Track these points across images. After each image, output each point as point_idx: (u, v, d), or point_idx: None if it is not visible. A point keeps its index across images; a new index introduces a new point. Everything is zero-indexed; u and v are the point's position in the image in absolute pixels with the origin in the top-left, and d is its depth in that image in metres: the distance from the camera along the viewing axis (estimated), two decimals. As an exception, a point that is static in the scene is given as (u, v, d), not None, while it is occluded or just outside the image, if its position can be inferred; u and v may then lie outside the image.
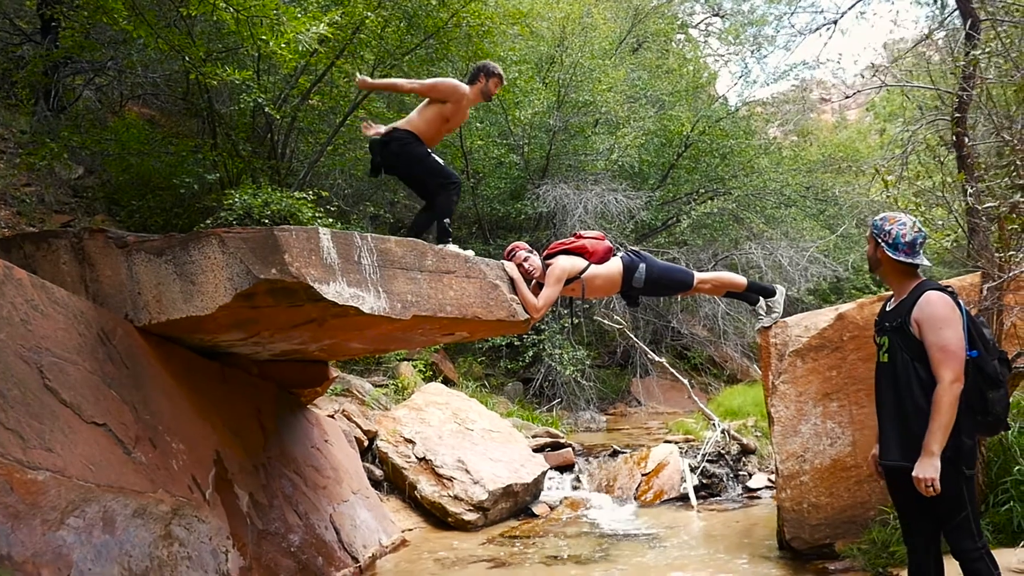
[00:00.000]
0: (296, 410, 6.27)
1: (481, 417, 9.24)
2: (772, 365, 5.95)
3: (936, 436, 3.21)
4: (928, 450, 3.23)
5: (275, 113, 9.52)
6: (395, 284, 4.71)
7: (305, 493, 5.69)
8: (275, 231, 4.23)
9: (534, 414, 12.57)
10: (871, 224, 3.66)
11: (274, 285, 4.20)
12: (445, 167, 5.93)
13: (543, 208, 14.46)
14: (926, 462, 3.23)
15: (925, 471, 3.22)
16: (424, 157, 5.82)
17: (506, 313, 5.26)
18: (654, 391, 16.61)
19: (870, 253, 3.67)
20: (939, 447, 3.21)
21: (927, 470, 3.22)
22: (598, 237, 5.68)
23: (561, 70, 14.53)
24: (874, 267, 3.71)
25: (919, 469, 3.24)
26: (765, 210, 16.35)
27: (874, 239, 3.62)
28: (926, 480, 3.21)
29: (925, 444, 3.24)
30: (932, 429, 3.23)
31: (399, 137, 5.81)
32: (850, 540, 5.58)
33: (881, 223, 3.60)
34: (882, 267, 3.62)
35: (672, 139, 16.37)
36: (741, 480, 9.00)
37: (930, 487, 3.21)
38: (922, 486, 3.23)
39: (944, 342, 3.26)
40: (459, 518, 7.34)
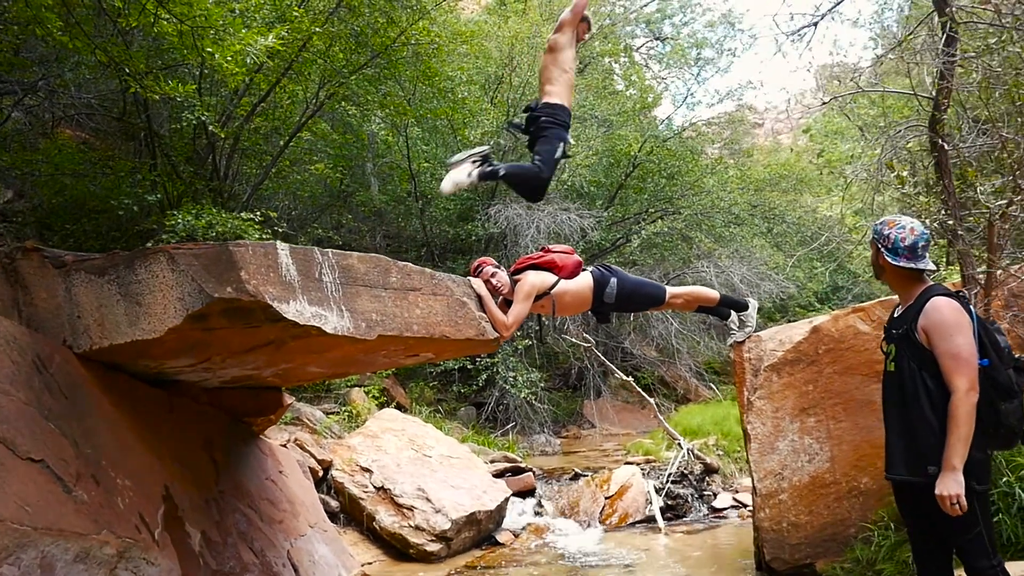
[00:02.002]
0: (248, 440, 5.91)
1: (439, 443, 8.94)
2: (747, 380, 5.80)
3: (957, 449, 3.04)
4: (950, 465, 3.06)
5: (219, 132, 9.14)
6: (359, 302, 4.43)
7: (260, 528, 5.33)
8: (230, 246, 3.92)
9: (490, 439, 12.28)
10: (872, 229, 3.51)
11: (230, 305, 3.88)
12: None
13: (494, 229, 14.26)
14: (949, 478, 3.06)
15: (949, 488, 3.04)
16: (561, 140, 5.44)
17: (475, 331, 5.01)
18: (607, 413, 16.46)
19: (873, 260, 3.52)
20: (961, 461, 3.04)
21: (951, 487, 3.04)
22: (567, 251, 5.47)
23: (510, 90, 14.41)
24: (878, 274, 3.56)
25: (942, 486, 3.06)
26: (714, 229, 16.39)
27: (875, 245, 3.47)
28: (951, 497, 3.03)
29: (946, 459, 3.07)
30: (951, 442, 3.06)
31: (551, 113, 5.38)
32: (831, 559, 5.43)
33: (880, 227, 3.45)
34: (886, 274, 3.47)
35: (620, 159, 16.34)
36: (706, 500, 8.86)
37: (955, 504, 3.03)
38: (947, 504, 3.05)
39: (956, 349, 3.10)
40: (421, 549, 7.02)
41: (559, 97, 5.47)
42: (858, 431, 5.50)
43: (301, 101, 12.01)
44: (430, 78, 12.33)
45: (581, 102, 16.20)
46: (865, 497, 5.44)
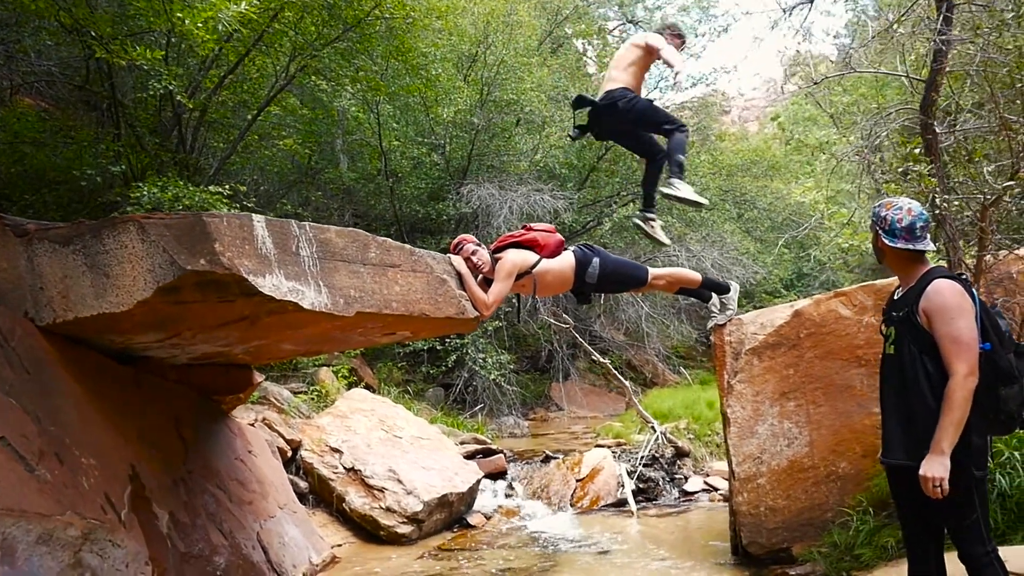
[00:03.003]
0: (217, 419, 5.74)
1: (409, 424, 8.81)
2: (727, 364, 5.75)
3: (947, 433, 2.99)
4: (938, 448, 3.01)
5: (187, 102, 8.87)
6: (337, 278, 4.29)
7: (230, 509, 5.18)
8: (204, 217, 3.75)
9: (458, 420, 12.18)
10: (871, 213, 3.44)
11: (203, 278, 3.72)
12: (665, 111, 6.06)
13: (466, 209, 14.10)
14: (935, 460, 3.01)
15: (934, 470, 3.00)
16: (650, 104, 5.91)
17: (455, 310, 4.89)
18: (575, 395, 16.45)
19: (873, 243, 3.45)
20: (950, 445, 3.00)
21: (936, 469, 2.99)
22: (549, 230, 5.36)
23: (484, 68, 14.21)
24: (879, 258, 3.49)
25: (927, 468, 3.01)
26: (685, 213, 16.36)
27: (874, 228, 3.40)
28: (934, 480, 2.99)
29: (935, 441, 3.02)
30: (943, 425, 3.00)
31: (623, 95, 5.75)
32: (808, 543, 5.42)
33: (878, 210, 3.38)
34: (886, 257, 3.40)
35: (592, 141, 16.21)
36: (677, 484, 8.85)
37: (937, 487, 2.99)
38: (929, 486, 3.00)
39: (956, 333, 3.04)
40: (392, 531, 6.91)
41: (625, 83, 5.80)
42: (837, 416, 5.48)
43: (270, 75, 11.73)
44: (403, 54, 12.09)
45: (555, 83, 16.06)
46: (843, 482, 5.43)
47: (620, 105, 5.72)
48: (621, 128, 6.02)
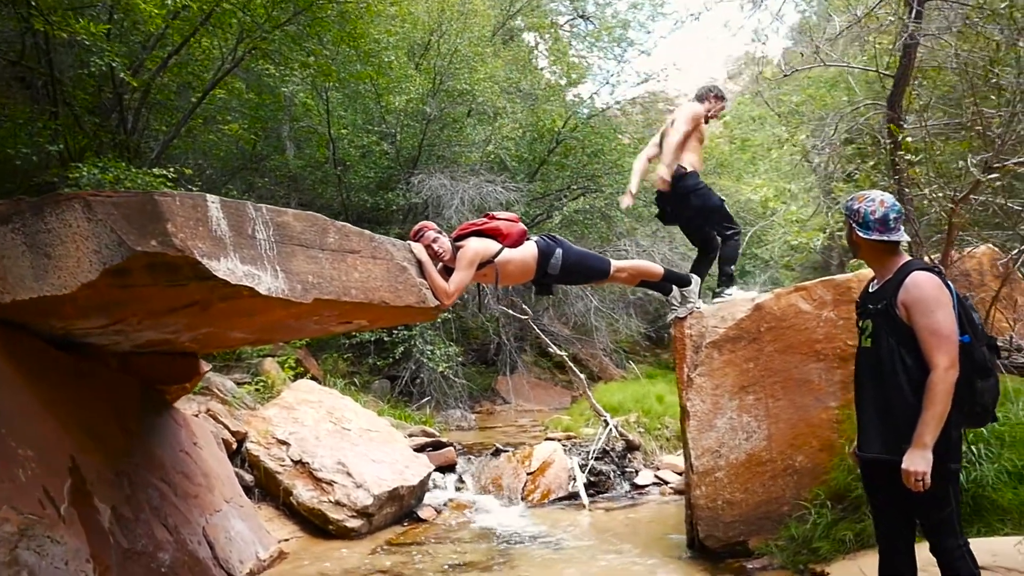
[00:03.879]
0: (162, 410, 5.51)
1: (357, 416, 8.63)
2: (687, 357, 5.72)
3: (930, 427, 2.98)
4: (921, 442, 2.99)
5: (130, 80, 8.53)
6: (294, 263, 4.11)
7: (175, 504, 4.97)
8: (155, 196, 3.55)
9: (406, 413, 12.02)
10: (844, 207, 3.42)
11: (154, 260, 3.52)
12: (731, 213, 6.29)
13: (416, 199, 13.92)
14: (918, 455, 2.99)
15: (916, 464, 2.98)
16: (721, 206, 6.17)
17: (415, 299, 4.75)
18: (522, 389, 16.40)
19: (847, 237, 3.44)
20: (933, 439, 2.98)
21: (919, 463, 2.98)
22: (512, 219, 5.25)
23: (438, 56, 14.02)
24: (854, 251, 3.48)
25: (910, 462, 2.99)
26: (635, 208, 16.40)
27: (848, 222, 3.38)
28: (916, 474, 2.97)
29: (917, 435, 3.00)
30: (926, 419, 2.99)
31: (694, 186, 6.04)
32: (764, 537, 5.43)
33: (851, 203, 3.37)
34: (861, 250, 3.38)
35: (543, 134, 16.17)
36: (628, 477, 8.83)
37: (919, 481, 2.97)
38: (912, 480, 2.98)
39: (936, 325, 3.03)
40: (341, 525, 6.73)
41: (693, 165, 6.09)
42: (795, 410, 5.50)
43: (217, 57, 11.39)
44: (355, 40, 11.85)
45: (508, 75, 15.96)
46: (799, 475, 5.45)
47: (692, 199, 6.02)
48: (686, 214, 6.20)
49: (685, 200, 6.05)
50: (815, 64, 5.66)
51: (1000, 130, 3.93)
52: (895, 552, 3.30)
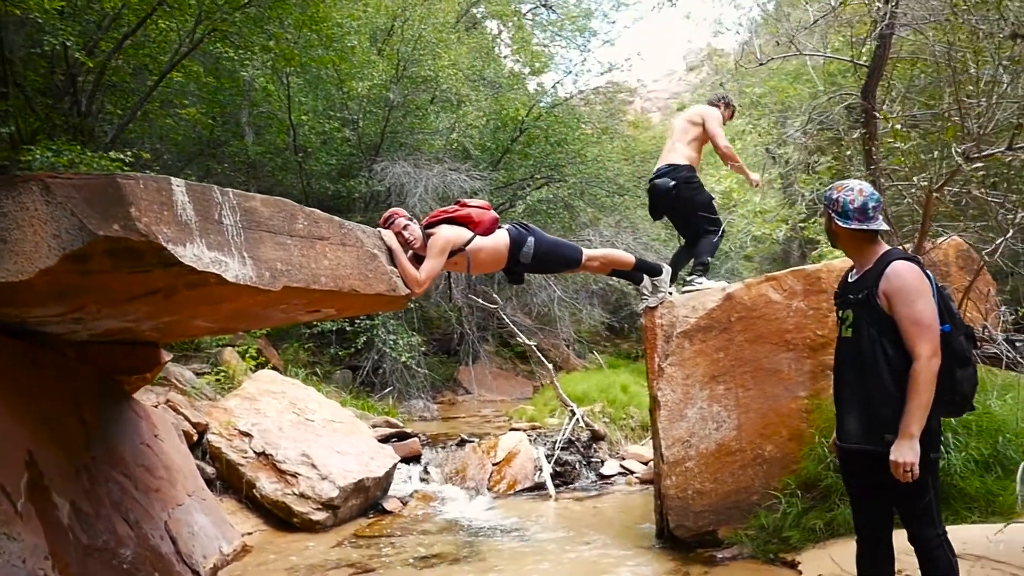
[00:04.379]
0: (122, 401, 5.34)
1: (321, 407, 8.50)
2: (658, 347, 5.70)
3: (915, 417, 2.97)
4: (907, 432, 2.98)
5: (86, 60, 8.26)
6: (262, 249, 3.99)
7: (136, 498, 4.82)
8: (118, 178, 3.40)
9: (369, 403, 11.88)
10: (822, 197, 3.40)
11: (116, 245, 3.37)
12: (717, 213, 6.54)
13: (378, 187, 13.74)
14: (906, 445, 2.98)
15: (905, 455, 2.97)
16: (709, 203, 6.39)
17: (386, 287, 4.64)
18: (484, 379, 16.35)
19: (826, 227, 3.42)
20: (919, 428, 2.98)
21: (907, 454, 2.97)
22: (484, 206, 5.16)
23: (401, 42, 13.83)
24: (833, 242, 3.47)
25: (898, 453, 2.98)
26: (598, 198, 16.41)
27: (827, 212, 3.36)
28: (905, 465, 2.96)
29: (904, 426, 2.99)
30: (911, 409, 2.98)
31: (687, 179, 6.27)
32: (734, 526, 5.44)
33: (829, 193, 3.35)
34: (840, 239, 3.36)
35: (507, 123, 16.07)
36: (594, 467, 8.83)
37: (908, 472, 2.97)
38: (900, 471, 2.97)
39: (917, 315, 3.02)
40: (306, 518, 6.62)
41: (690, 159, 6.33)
42: (765, 399, 5.51)
43: (174, 40, 11.10)
44: (318, 24, 11.63)
45: (472, 62, 15.82)
46: (769, 465, 5.46)
47: (682, 191, 6.22)
48: (674, 206, 6.39)
49: (682, 201, 6.26)
50: (791, 54, 5.63)
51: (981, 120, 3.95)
52: (873, 541, 3.30)
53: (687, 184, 6.24)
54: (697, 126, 6.34)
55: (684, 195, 6.21)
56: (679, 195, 6.22)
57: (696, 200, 6.28)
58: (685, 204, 6.27)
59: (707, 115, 6.37)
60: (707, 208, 6.34)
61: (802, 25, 5.58)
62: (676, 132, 6.46)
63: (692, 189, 6.28)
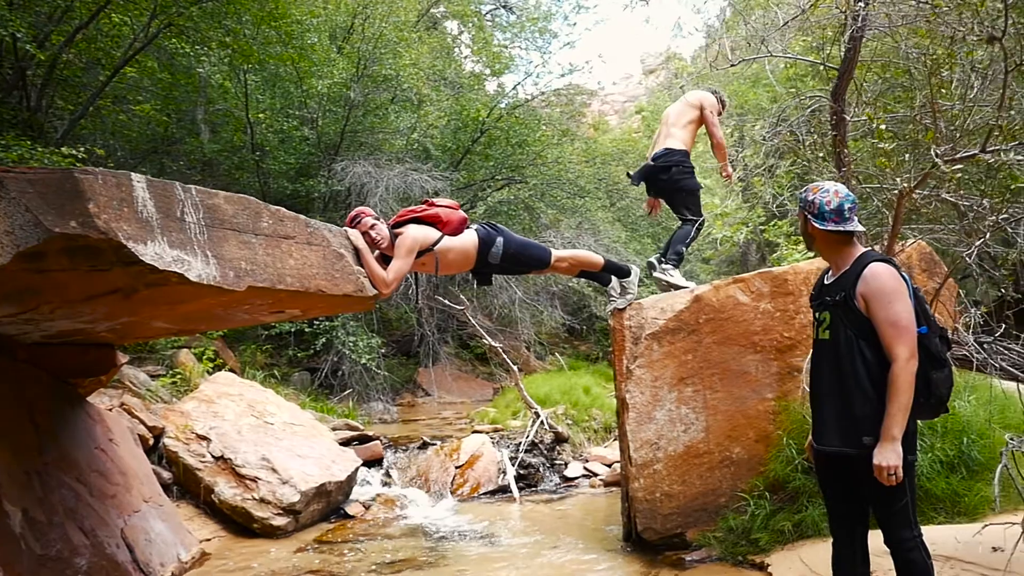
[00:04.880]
0: (75, 404, 5.16)
1: (280, 409, 8.34)
2: (626, 348, 5.66)
3: (897, 419, 2.96)
4: (889, 435, 2.97)
5: (37, 53, 8.01)
6: (226, 248, 3.87)
7: (91, 505, 4.66)
8: (75, 173, 3.26)
9: (328, 406, 11.71)
10: (798, 199, 3.37)
11: (73, 243, 3.24)
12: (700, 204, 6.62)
13: (338, 187, 13.56)
14: (888, 448, 2.97)
15: (888, 458, 2.95)
16: (696, 191, 6.47)
17: (353, 287, 4.54)
18: (443, 381, 16.24)
19: (801, 230, 3.38)
20: (901, 430, 2.97)
21: (890, 457, 2.95)
22: (452, 206, 5.08)
23: (362, 40, 13.67)
24: (809, 244, 3.43)
25: (881, 456, 2.97)
26: (559, 200, 16.40)
27: (802, 213, 3.33)
28: (889, 468, 2.95)
29: (885, 429, 2.98)
30: (892, 412, 2.96)
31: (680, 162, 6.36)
32: (702, 528, 5.42)
33: (805, 195, 3.33)
34: (816, 241, 3.33)
35: (467, 124, 15.99)
36: (557, 469, 8.78)
37: (892, 475, 2.96)
38: (884, 474, 2.96)
39: (895, 317, 3.01)
40: (267, 524, 6.47)
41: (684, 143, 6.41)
42: (732, 401, 5.51)
43: (127, 36, 10.84)
44: (276, 20, 11.46)
45: (432, 62, 15.71)
46: (736, 467, 5.46)
47: (674, 172, 6.33)
48: (664, 187, 6.51)
49: (671, 181, 6.38)
50: (761, 55, 5.65)
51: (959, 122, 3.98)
52: (849, 544, 3.29)
53: (679, 167, 6.35)
54: (695, 109, 6.47)
55: (675, 177, 6.33)
56: (670, 177, 6.35)
57: (684, 185, 6.39)
58: (673, 186, 6.39)
59: (706, 101, 6.51)
60: (693, 196, 6.44)
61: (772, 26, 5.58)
62: (672, 116, 6.57)
63: (683, 172, 6.39)
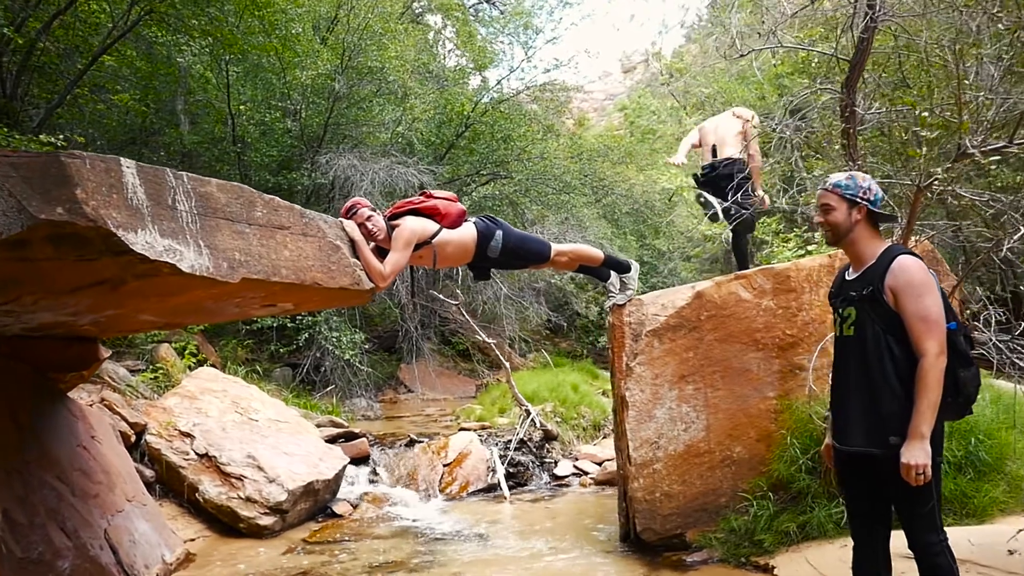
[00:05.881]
0: (57, 400, 4.97)
1: (265, 406, 8.15)
2: (626, 345, 5.54)
3: (926, 417, 2.85)
4: (918, 433, 2.86)
5: (15, 37, 7.76)
6: (219, 238, 3.70)
7: (73, 505, 4.47)
8: (62, 157, 3.08)
9: (311, 402, 11.52)
10: (833, 186, 3.18)
11: (60, 230, 3.05)
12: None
13: (322, 180, 13.35)
14: (917, 447, 2.86)
15: (917, 457, 2.85)
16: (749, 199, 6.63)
17: (350, 280, 4.38)
18: (426, 377, 16.07)
19: (839, 219, 3.15)
20: (930, 428, 2.86)
21: (919, 456, 2.85)
22: (450, 198, 4.93)
23: (347, 32, 13.44)
24: (843, 234, 3.18)
25: (910, 455, 2.86)
26: (544, 196, 16.26)
27: (848, 200, 3.15)
28: (918, 467, 2.84)
29: (914, 427, 2.87)
30: (921, 409, 2.85)
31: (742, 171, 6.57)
32: (702, 529, 5.33)
33: (853, 181, 3.14)
34: (853, 232, 3.16)
35: (452, 118, 15.81)
36: (547, 468, 8.66)
37: (921, 475, 2.85)
38: (912, 474, 2.85)
39: (925, 311, 2.90)
40: (253, 523, 6.30)
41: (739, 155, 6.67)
42: (734, 399, 5.41)
43: (106, 24, 10.58)
44: (260, 8, 11.22)
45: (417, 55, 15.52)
46: (737, 466, 5.37)
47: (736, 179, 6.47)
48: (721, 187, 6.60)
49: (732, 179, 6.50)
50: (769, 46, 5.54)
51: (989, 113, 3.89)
52: (869, 546, 3.18)
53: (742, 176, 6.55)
54: (743, 122, 6.72)
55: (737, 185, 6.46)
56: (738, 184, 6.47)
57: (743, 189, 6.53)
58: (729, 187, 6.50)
59: (753, 118, 6.76)
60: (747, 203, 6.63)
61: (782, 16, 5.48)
62: (723, 127, 6.82)
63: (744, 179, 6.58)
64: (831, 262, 5.51)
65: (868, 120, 4.78)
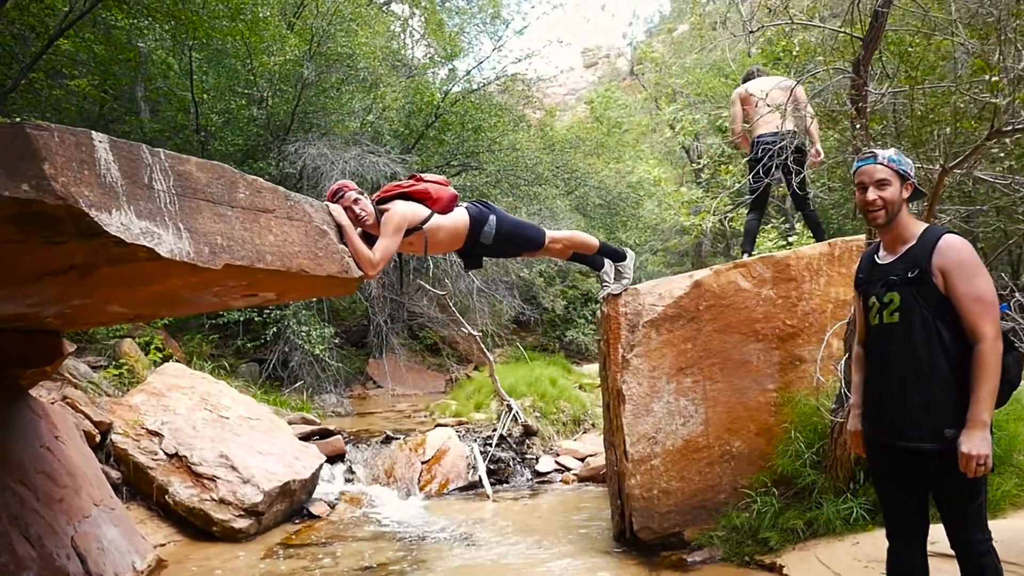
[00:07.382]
0: (17, 398, 4.63)
1: (235, 403, 7.82)
2: (622, 337, 5.33)
3: (986, 404, 2.65)
4: (979, 421, 2.65)
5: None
6: (200, 220, 3.41)
7: (37, 511, 4.15)
8: (27, 128, 2.77)
9: (280, 398, 11.17)
10: (889, 160, 2.92)
11: (26, 209, 2.74)
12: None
13: (290, 169, 12.96)
14: (977, 436, 2.65)
15: (978, 447, 2.64)
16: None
17: (338, 268, 4.11)
18: (396, 372, 15.77)
19: (895, 196, 2.91)
20: (990, 416, 2.66)
21: (980, 445, 2.64)
22: (442, 182, 4.67)
23: (315, 16, 13.06)
24: (894, 215, 2.93)
25: (971, 445, 2.64)
26: (517, 187, 16.03)
27: (901, 175, 2.93)
28: (979, 457, 2.64)
29: (974, 415, 2.66)
30: (980, 396, 2.65)
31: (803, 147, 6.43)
32: (701, 527, 5.13)
33: (901, 156, 2.94)
34: (900, 212, 2.94)
35: (421, 108, 15.50)
36: (528, 464, 8.44)
37: (982, 465, 2.65)
38: (973, 465, 2.65)
39: (979, 291, 2.69)
40: (227, 526, 5.98)
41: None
42: (733, 392, 5.22)
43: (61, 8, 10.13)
44: (236, -4, 10.83)
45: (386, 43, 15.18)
46: (736, 462, 5.19)
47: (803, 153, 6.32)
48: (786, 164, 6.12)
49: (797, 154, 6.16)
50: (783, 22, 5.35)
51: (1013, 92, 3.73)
52: (908, 543, 2.97)
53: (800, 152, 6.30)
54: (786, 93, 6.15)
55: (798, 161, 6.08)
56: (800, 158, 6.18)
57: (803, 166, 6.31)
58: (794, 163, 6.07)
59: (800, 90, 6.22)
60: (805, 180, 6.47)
61: None
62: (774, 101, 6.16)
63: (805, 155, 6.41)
64: (831, 250, 5.34)
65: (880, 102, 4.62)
